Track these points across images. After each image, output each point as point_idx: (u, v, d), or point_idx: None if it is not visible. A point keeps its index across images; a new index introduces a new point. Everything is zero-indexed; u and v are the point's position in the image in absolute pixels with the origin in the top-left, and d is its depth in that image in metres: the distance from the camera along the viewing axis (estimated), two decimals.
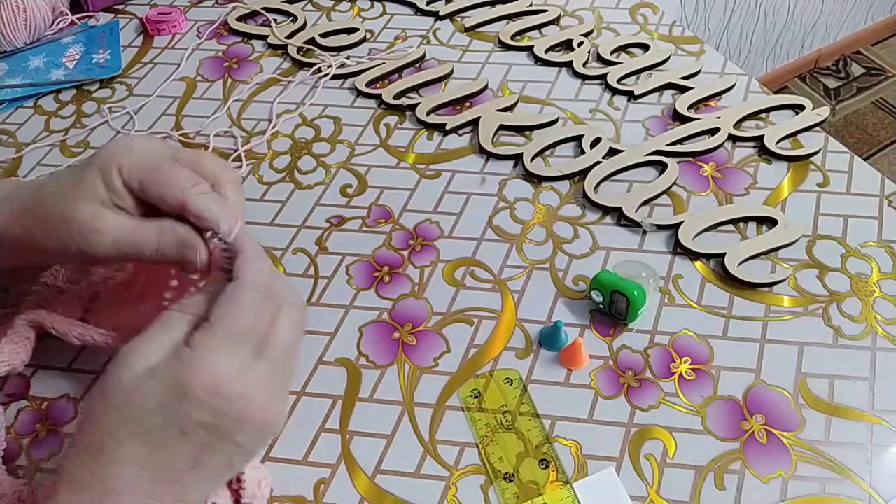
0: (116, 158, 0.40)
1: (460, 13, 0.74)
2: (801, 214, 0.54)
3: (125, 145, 0.40)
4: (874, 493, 0.41)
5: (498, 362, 0.47)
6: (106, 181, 0.39)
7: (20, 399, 0.47)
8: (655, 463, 0.42)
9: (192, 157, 0.42)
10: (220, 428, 0.34)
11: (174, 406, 0.33)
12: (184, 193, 0.39)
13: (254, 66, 0.69)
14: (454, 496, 0.42)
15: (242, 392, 0.34)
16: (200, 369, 0.33)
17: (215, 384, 0.33)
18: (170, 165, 0.40)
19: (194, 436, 0.33)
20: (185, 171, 0.40)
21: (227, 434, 0.34)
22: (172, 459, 0.34)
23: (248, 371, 0.34)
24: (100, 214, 0.40)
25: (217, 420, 0.33)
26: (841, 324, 0.48)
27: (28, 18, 0.71)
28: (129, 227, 0.40)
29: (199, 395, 0.33)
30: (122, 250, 0.40)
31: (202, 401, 0.33)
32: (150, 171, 0.40)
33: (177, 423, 0.33)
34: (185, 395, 0.33)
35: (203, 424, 0.33)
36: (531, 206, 0.56)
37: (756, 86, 0.64)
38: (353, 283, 0.52)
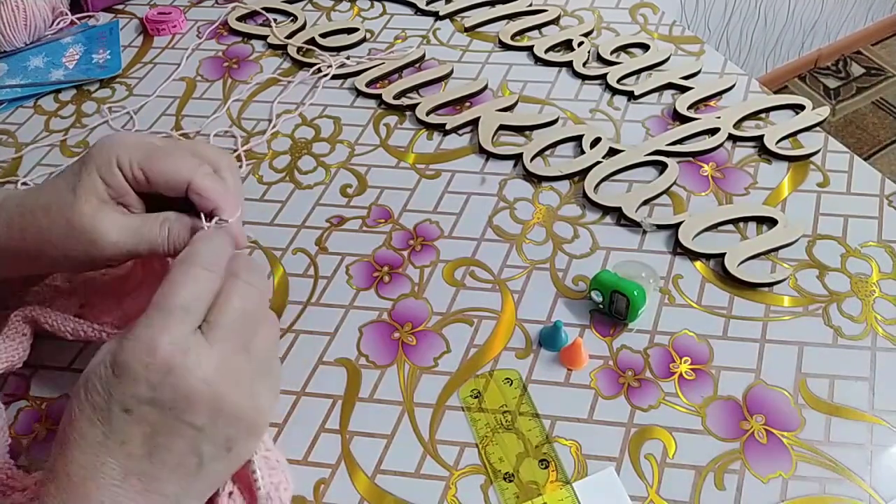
0: (113, 151, 0.39)
1: (460, 13, 0.74)
2: (801, 214, 0.54)
3: (119, 139, 0.40)
4: (874, 493, 0.41)
5: (498, 362, 0.47)
6: (105, 178, 0.39)
7: (20, 399, 0.47)
8: (655, 463, 0.43)
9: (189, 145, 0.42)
10: (163, 403, 0.33)
11: (113, 382, 0.33)
12: (189, 173, 0.39)
13: (254, 66, 0.69)
14: (454, 496, 0.42)
15: (177, 362, 0.33)
16: (130, 344, 0.33)
17: (146, 354, 0.33)
18: (169, 150, 0.40)
19: (138, 412, 0.33)
20: (186, 155, 0.40)
21: (177, 413, 0.33)
22: (125, 441, 0.33)
23: (185, 342, 0.33)
24: (103, 213, 0.39)
25: (155, 393, 0.33)
26: (841, 324, 0.48)
27: (28, 18, 0.71)
28: (134, 225, 0.40)
29: (132, 366, 0.33)
30: (130, 248, 0.40)
31: (136, 374, 0.33)
32: (151, 158, 0.39)
33: (119, 400, 0.33)
34: (119, 369, 0.33)
35: (143, 398, 0.33)
36: (531, 206, 0.56)
37: (756, 86, 0.64)
38: (353, 283, 0.52)
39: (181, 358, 0.33)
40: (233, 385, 0.35)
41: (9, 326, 0.44)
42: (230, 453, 0.36)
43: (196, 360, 0.34)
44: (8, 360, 0.44)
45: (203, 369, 0.34)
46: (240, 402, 0.35)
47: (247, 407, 0.36)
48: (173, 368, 0.33)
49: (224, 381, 0.34)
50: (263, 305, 0.38)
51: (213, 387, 0.34)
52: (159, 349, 0.33)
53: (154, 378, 0.33)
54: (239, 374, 0.35)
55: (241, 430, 0.36)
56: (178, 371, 0.33)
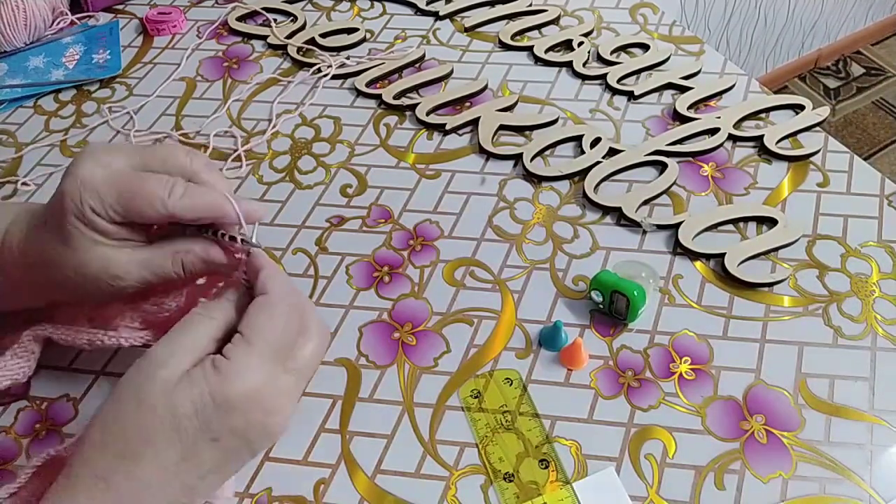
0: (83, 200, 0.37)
1: (460, 13, 0.74)
2: (801, 214, 0.54)
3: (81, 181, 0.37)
4: (874, 493, 0.41)
5: (498, 362, 0.47)
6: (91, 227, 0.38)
7: (20, 399, 0.47)
8: (655, 463, 0.42)
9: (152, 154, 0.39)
10: (249, 436, 0.35)
11: (211, 413, 0.34)
12: (165, 206, 0.37)
13: (254, 66, 0.69)
14: (454, 496, 0.42)
15: (275, 403, 0.35)
16: (239, 379, 0.34)
17: (252, 394, 0.34)
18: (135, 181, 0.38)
19: (224, 442, 0.34)
20: (154, 179, 0.38)
21: (253, 442, 0.35)
22: (200, 464, 0.34)
23: (279, 383, 0.35)
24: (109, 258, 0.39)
25: (248, 428, 0.35)
26: (841, 324, 0.48)
27: (28, 18, 0.71)
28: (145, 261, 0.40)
29: (237, 404, 0.34)
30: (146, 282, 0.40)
31: (239, 410, 0.34)
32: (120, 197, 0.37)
33: (210, 429, 0.34)
34: (224, 403, 0.34)
35: (235, 431, 0.34)
36: (531, 206, 0.56)
37: (756, 86, 0.64)
38: (353, 283, 0.52)
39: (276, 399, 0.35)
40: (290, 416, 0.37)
41: (19, 344, 0.44)
42: None
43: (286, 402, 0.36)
44: (13, 378, 0.44)
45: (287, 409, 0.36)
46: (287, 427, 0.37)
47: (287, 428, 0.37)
48: (270, 411, 0.35)
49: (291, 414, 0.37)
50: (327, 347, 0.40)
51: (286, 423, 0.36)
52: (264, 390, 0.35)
53: (253, 416, 0.34)
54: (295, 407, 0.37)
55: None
56: (271, 412, 0.35)
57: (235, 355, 0.35)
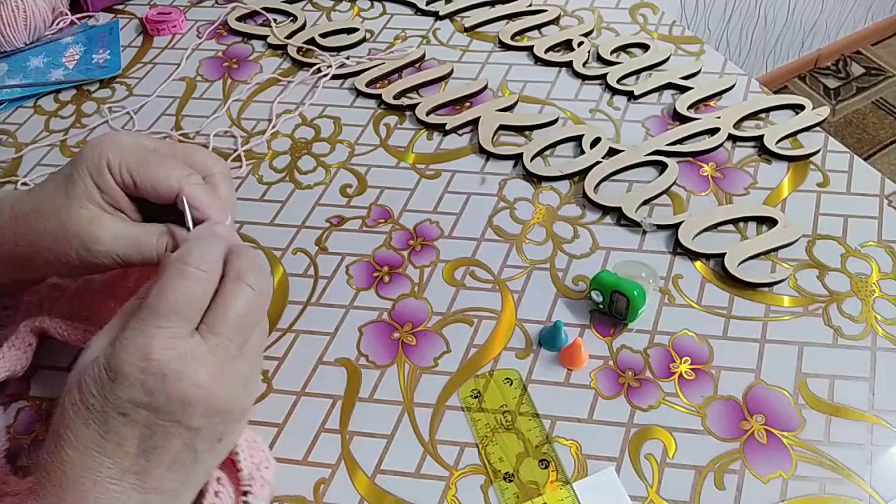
0: (104, 154, 0.39)
1: (460, 13, 0.74)
2: (801, 214, 0.54)
3: (112, 139, 0.39)
4: (874, 493, 0.41)
5: (498, 362, 0.47)
6: (96, 180, 0.39)
7: (20, 399, 0.47)
8: (655, 463, 0.43)
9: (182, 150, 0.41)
10: (159, 407, 0.33)
11: (108, 386, 0.33)
12: (179, 182, 0.39)
13: (254, 66, 0.69)
14: (454, 496, 0.42)
15: (172, 368, 0.33)
16: (126, 348, 0.33)
17: (140, 359, 0.33)
18: (160, 156, 0.40)
19: (134, 415, 0.33)
20: (177, 162, 0.40)
21: (173, 416, 0.33)
22: (120, 442, 0.33)
23: (179, 346, 0.33)
24: (98, 219, 0.39)
25: (149, 397, 0.33)
26: (841, 324, 0.48)
27: (28, 18, 0.71)
28: (131, 234, 0.40)
29: (126, 371, 0.33)
30: (124, 257, 0.40)
31: (130, 377, 0.33)
32: (140, 164, 0.39)
33: (114, 404, 0.33)
34: (115, 373, 0.33)
35: (138, 403, 0.33)
36: (531, 206, 0.56)
37: (756, 86, 0.64)
38: (353, 283, 0.52)
39: (176, 364, 0.33)
40: (228, 387, 0.35)
41: (17, 336, 0.44)
42: (220, 444, 0.37)
43: (192, 365, 0.33)
44: (10, 369, 0.44)
45: (199, 374, 0.34)
46: (234, 402, 0.35)
47: (239, 406, 0.36)
48: (168, 374, 0.33)
49: (220, 385, 0.34)
50: (263, 309, 0.38)
51: (208, 391, 0.34)
52: (154, 354, 0.33)
53: (149, 383, 0.33)
54: (234, 377, 0.35)
55: (232, 423, 0.36)
56: (172, 377, 0.33)
57: (130, 326, 0.34)
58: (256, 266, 0.37)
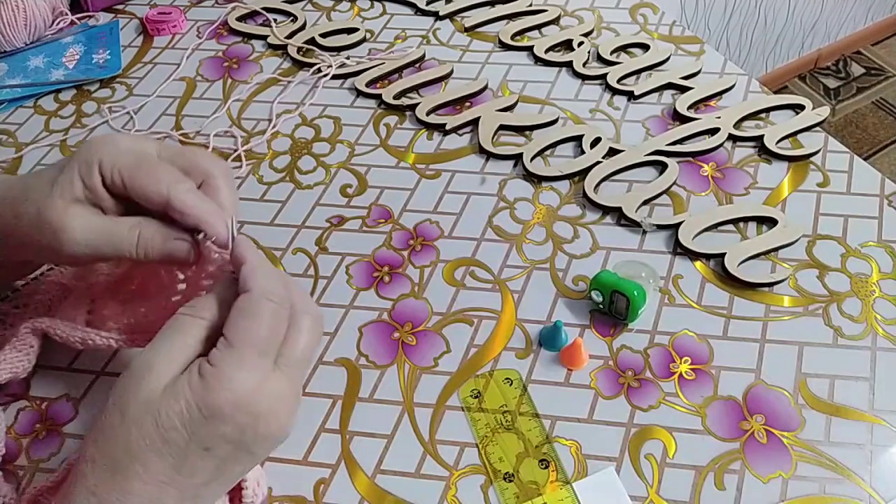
0: (98, 154, 0.39)
1: (460, 13, 0.74)
2: (801, 214, 0.54)
3: (110, 141, 0.39)
4: (874, 493, 0.41)
5: (498, 362, 0.47)
6: (84, 177, 0.38)
7: (20, 399, 0.47)
8: (655, 463, 0.42)
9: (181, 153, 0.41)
10: (243, 442, 0.34)
11: (199, 423, 0.33)
12: (168, 190, 0.38)
13: (254, 66, 0.69)
14: (454, 496, 0.42)
15: (266, 407, 0.34)
16: (225, 386, 0.33)
17: (240, 401, 0.33)
18: (153, 162, 0.39)
19: (217, 450, 0.34)
20: (170, 168, 0.39)
21: (249, 447, 0.34)
22: (194, 474, 0.34)
23: (269, 385, 0.34)
24: (71, 210, 0.38)
25: (240, 435, 0.34)
26: (841, 324, 0.48)
27: (28, 18, 0.71)
28: (102, 226, 0.39)
29: (225, 412, 0.33)
30: (94, 248, 0.39)
31: (227, 417, 0.33)
32: (132, 168, 0.38)
33: (201, 440, 0.33)
34: (211, 412, 0.33)
35: (227, 439, 0.34)
36: (531, 206, 0.56)
37: (756, 86, 0.64)
38: (353, 283, 0.52)
39: (268, 404, 0.34)
40: (293, 420, 0.36)
41: (18, 338, 0.44)
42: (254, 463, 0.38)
43: (278, 403, 0.34)
44: (13, 371, 0.44)
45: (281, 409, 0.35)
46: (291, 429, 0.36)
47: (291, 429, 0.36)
48: (262, 414, 0.34)
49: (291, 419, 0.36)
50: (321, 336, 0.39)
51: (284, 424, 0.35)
52: (251, 395, 0.33)
53: (243, 422, 0.33)
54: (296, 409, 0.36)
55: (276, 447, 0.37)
56: (267, 417, 0.34)
57: (220, 362, 0.33)
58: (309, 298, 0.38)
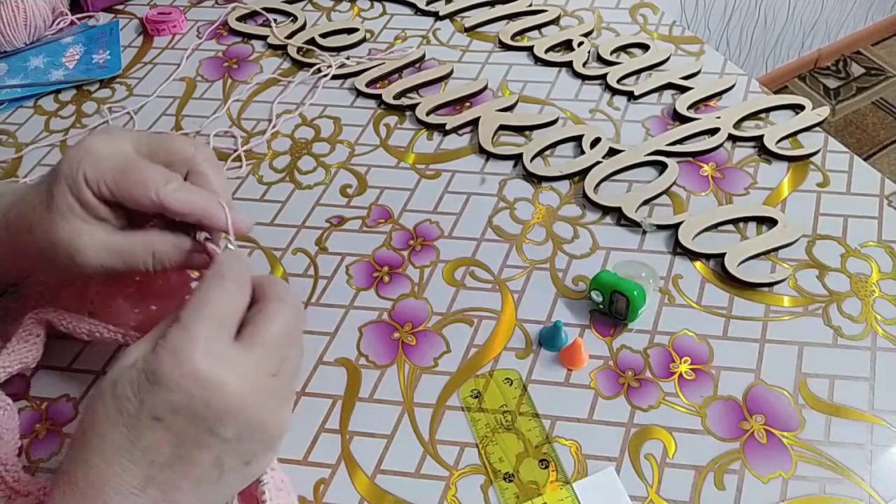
0: (80, 167, 0.38)
1: (460, 13, 0.74)
2: (800, 214, 0.54)
3: (88, 151, 0.38)
4: (874, 493, 0.41)
5: (498, 362, 0.47)
6: (75, 194, 0.38)
7: (20, 399, 0.47)
8: (655, 463, 0.43)
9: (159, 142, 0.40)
10: (196, 413, 0.33)
11: (146, 389, 0.32)
12: (158, 195, 0.38)
13: (254, 66, 0.69)
14: (454, 496, 0.42)
15: (214, 375, 0.33)
16: (169, 352, 0.33)
17: (180, 363, 0.32)
18: (138, 165, 0.38)
19: (169, 421, 0.33)
20: (154, 168, 0.39)
21: (208, 423, 0.33)
22: (149, 449, 0.33)
23: (222, 356, 0.33)
24: (79, 232, 0.38)
25: (188, 403, 0.32)
26: (841, 324, 0.48)
27: (28, 18, 0.71)
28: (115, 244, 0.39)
29: (167, 374, 0.32)
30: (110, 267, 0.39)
31: (170, 381, 0.32)
32: (116, 176, 0.38)
33: (150, 408, 0.33)
34: (156, 378, 0.32)
35: (175, 407, 0.32)
36: (531, 206, 0.56)
37: (756, 86, 0.64)
38: (353, 283, 0.52)
39: (218, 370, 0.33)
40: (265, 402, 0.35)
41: (23, 328, 0.44)
42: (248, 467, 0.36)
43: (233, 373, 0.33)
44: (22, 362, 0.44)
45: (240, 383, 0.33)
46: (267, 420, 0.35)
47: (272, 424, 0.35)
48: (210, 380, 0.33)
49: (258, 398, 0.34)
50: (301, 329, 0.38)
51: (246, 401, 0.34)
52: (196, 359, 0.32)
53: (191, 389, 0.32)
54: (271, 393, 0.35)
55: (263, 445, 0.36)
56: (214, 384, 0.33)
57: (169, 334, 0.33)
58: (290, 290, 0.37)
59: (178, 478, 0.34)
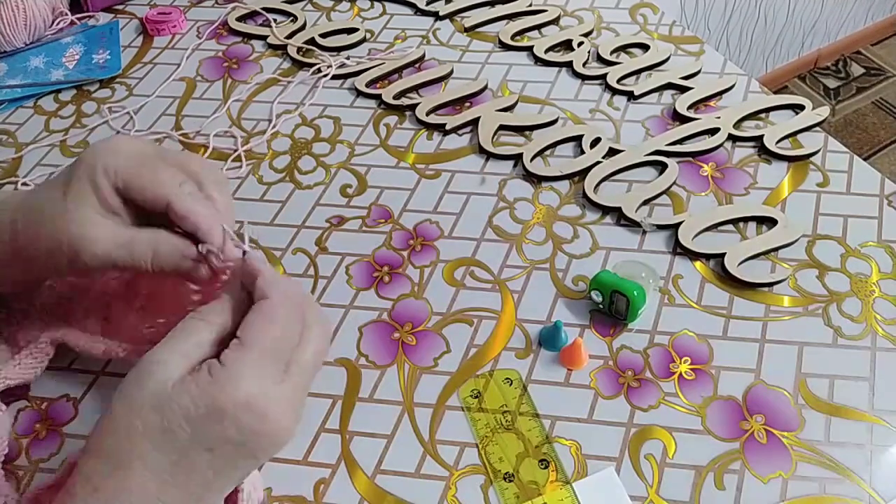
0: (101, 159, 0.39)
1: (460, 13, 0.74)
2: (800, 214, 0.54)
3: (109, 146, 0.40)
4: (874, 493, 0.41)
5: (498, 362, 0.47)
6: (94, 188, 0.39)
7: (20, 399, 0.47)
8: (655, 463, 0.43)
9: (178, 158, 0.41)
10: (246, 444, 0.34)
11: (204, 421, 0.33)
12: (170, 193, 0.39)
13: (254, 66, 0.69)
14: (454, 496, 0.42)
15: (272, 411, 0.34)
16: (233, 387, 0.33)
17: (247, 403, 0.33)
18: (155, 164, 0.40)
19: (219, 451, 0.33)
20: (171, 171, 0.40)
21: (251, 450, 0.34)
22: (193, 473, 0.33)
23: (277, 390, 0.34)
24: (92, 220, 0.39)
25: (244, 437, 0.33)
26: (841, 324, 0.48)
27: (28, 18, 0.71)
28: (122, 238, 0.40)
29: (231, 412, 0.33)
30: (114, 261, 0.40)
31: (233, 418, 0.33)
32: (134, 171, 0.39)
33: (204, 439, 0.33)
34: (217, 411, 0.33)
35: (230, 440, 0.33)
36: (531, 206, 0.56)
37: (756, 86, 0.64)
38: (353, 283, 0.52)
39: (275, 407, 0.34)
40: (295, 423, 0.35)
41: (36, 345, 0.45)
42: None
43: (283, 408, 0.34)
44: (24, 377, 0.44)
45: (286, 415, 0.34)
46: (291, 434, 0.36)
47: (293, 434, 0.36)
48: (266, 417, 0.33)
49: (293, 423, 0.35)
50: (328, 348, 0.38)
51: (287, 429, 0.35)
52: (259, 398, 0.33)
53: (247, 424, 0.33)
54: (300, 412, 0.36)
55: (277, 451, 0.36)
56: (272, 420, 0.34)
57: (230, 361, 0.34)
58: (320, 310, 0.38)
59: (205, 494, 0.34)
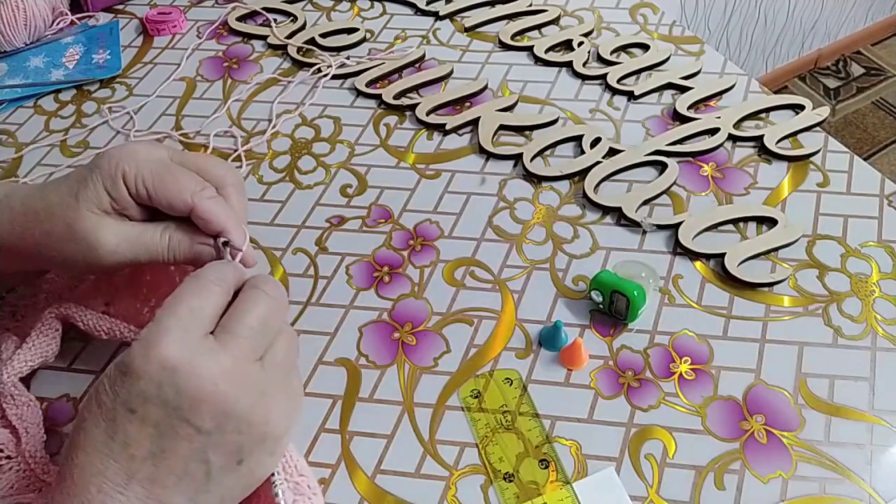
0: (121, 166, 0.40)
1: (460, 13, 0.74)
2: (801, 214, 0.54)
3: (129, 152, 0.40)
4: (874, 493, 0.41)
5: (498, 362, 0.47)
6: (109, 189, 0.40)
7: None
8: (655, 463, 0.43)
9: (195, 161, 0.42)
10: (167, 401, 0.33)
11: (120, 381, 0.33)
12: (192, 197, 0.40)
13: (254, 66, 0.69)
14: (454, 496, 0.42)
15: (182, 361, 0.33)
16: (139, 343, 0.33)
17: (148, 352, 0.33)
18: (175, 170, 0.41)
19: (143, 411, 0.33)
20: (192, 176, 0.41)
21: (182, 412, 0.33)
22: (128, 443, 0.33)
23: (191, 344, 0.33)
24: (102, 223, 0.40)
25: (158, 391, 0.32)
26: (841, 324, 0.48)
27: (28, 18, 0.71)
28: (134, 234, 0.41)
29: (138, 364, 0.33)
30: (130, 257, 0.41)
31: (140, 370, 0.33)
32: (155, 178, 0.40)
33: (123, 400, 0.33)
34: (127, 367, 0.33)
35: (146, 396, 0.33)
36: (531, 206, 0.56)
37: (756, 86, 0.64)
38: (353, 283, 0.52)
39: (188, 357, 0.33)
40: (243, 392, 0.34)
41: (42, 322, 0.45)
42: (241, 466, 0.35)
43: (204, 360, 0.33)
44: (42, 356, 0.44)
45: (211, 370, 0.33)
46: (249, 410, 0.34)
47: (257, 416, 0.34)
48: (178, 367, 0.33)
49: (233, 386, 0.34)
50: (281, 317, 0.37)
51: (219, 388, 0.33)
52: (165, 348, 0.33)
53: (158, 376, 0.33)
54: (250, 382, 0.34)
55: (251, 440, 0.35)
56: (182, 370, 0.33)
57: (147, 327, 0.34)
58: (271, 279, 0.38)
59: (160, 473, 0.33)
